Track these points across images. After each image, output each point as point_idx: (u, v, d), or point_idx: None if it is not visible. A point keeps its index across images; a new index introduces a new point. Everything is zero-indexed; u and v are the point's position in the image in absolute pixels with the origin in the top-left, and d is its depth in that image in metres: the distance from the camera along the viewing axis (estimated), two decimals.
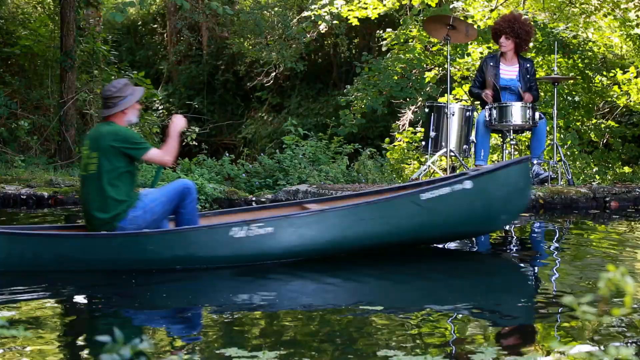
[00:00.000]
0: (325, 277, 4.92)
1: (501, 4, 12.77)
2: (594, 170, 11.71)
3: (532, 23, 9.47)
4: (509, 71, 8.37)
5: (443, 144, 8.24)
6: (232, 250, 5.00)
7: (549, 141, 8.93)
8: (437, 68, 12.48)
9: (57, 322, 3.74)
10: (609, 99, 12.58)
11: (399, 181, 10.09)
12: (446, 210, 5.33)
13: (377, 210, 5.25)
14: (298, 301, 4.35)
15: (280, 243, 5.07)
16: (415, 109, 12.76)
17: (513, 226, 6.78)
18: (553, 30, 11.31)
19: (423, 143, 8.48)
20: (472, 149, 8.39)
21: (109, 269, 4.91)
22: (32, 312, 3.86)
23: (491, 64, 8.36)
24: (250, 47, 18.05)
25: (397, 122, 13.49)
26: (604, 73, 12.37)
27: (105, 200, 5.10)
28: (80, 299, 4.38)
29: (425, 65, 12.38)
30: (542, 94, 11.42)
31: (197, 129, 12.71)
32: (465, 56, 11.98)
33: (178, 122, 5.42)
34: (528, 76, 8.33)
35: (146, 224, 5.14)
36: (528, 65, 8.41)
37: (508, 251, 6.08)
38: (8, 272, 4.85)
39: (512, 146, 8.26)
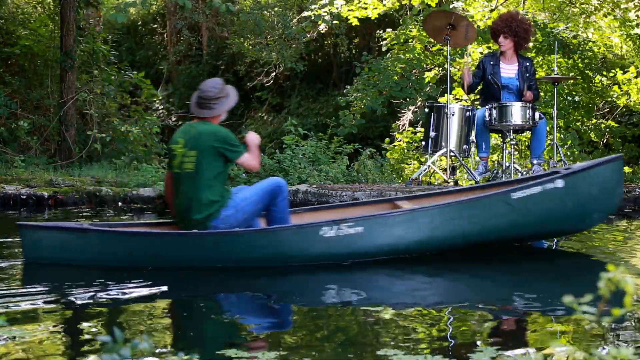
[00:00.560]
0: (325, 277, 4.93)
1: (501, 4, 12.77)
2: None
3: (530, 22, 9.46)
4: (508, 70, 8.37)
5: (443, 144, 8.23)
6: (322, 249, 5.08)
7: (549, 141, 8.92)
8: (437, 68, 12.48)
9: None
10: (609, 99, 12.59)
11: (399, 181, 10.10)
12: (537, 210, 5.35)
13: (468, 210, 5.28)
14: (297, 301, 4.35)
15: (369, 242, 5.13)
16: (415, 109, 12.76)
17: None
18: (553, 30, 11.31)
19: (423, 143, 8.47)
20: (472, 149, 8.38)
21: (200, 266, 5.03)
22: (110, 306, 3.86)
23: (491, 62, 8.36)
24: (250, 47, 18.05)
25: (397, 122, 13.49)
26: (604, 73, 12.37)
27: (200, 200, 5.18)
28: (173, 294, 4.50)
29: (425, 65, 12.38)
30: (542, 94, 11.42)
31: None
32: (465, 56, 11.97)
33: (253, 137, 5.49)
34: (527, 75, 8.32)
35: (238, 222, 5.22)
36: (527, 64, 8.41)
37: (507, 251, 6.07)
38: (102, 268, 5.01)
39: (512, 146, 8.27)
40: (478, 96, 8.85)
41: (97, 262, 5.13)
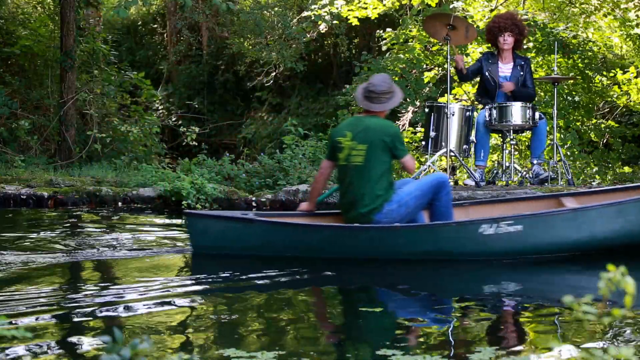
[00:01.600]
0: (323, 276, 4.93)
1: (501, 4, 12.77)
2: (594, 170, 11.71)
3: (531, 23, 9.47)
4: (504, 69, 8.38)
5: (443, 144, 8.23)
6: (480, 247, 5.16)
7: (549, 141, 8.92)
8: (436, 68, 12.48)
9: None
10: (609, 99, 12.58)
11: None
12: None
13: (632, 210, 5.27)
14: (297, 300, 4.35)
15: (528, 241, 5.19)
16: (415, 109, 12.76)
17: None
18: (553, 30, 11.31)
19: (423, 143, 8.47)
20: (472, 149, 8.38)
21: (360, 259, 5.20)
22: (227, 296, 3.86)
23: (489, 60, 8.36)
24: (250, 47, 18.04)
25: (397, 122, 13.49)
26: (604, 73, 12.36)
27: (367, 193, 5.28)
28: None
29: (425, 65, 12.38)
30: (542, 94, 11.42)
31: (197, 129, 12.72)
32: (465, 56, 11.97)
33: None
34: (521, 73, 8.32)
35: (400, 217, 5.30)
36: (523, 62, 8.41)
37: None
38: (262, 258, 5.27)
39: (512, 146, 8.26)
40: (478, 96, 8.84)
41: (260, 252, 5.36)
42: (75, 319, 3.75)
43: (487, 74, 8.28)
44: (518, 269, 5.26)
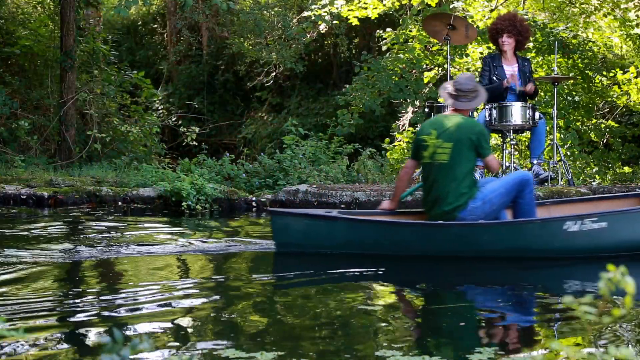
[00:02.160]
0: (324, 276, 4.93)
1: (501, 4, 12.77)
2: (594, 170, 11.71)
3: (531, 23, 9.45)
4: (509, 71, 8.37)
5: None
6: (564, 244, 5.20)
7: (549, 141, 8.92)
8: (436, 68, 12.48)
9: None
10: (609, 99, 12.58)
11: None
12: None
13: None
14: (296, 300, 4.35)
15: (612, 238, 5.22)
16: (415, 109, 12.76)
17: None
18: (553, 30, 11.31)
19: None
20: None
21: (442, 256, 5.27)
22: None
23: (493, 63, 8.35)
24: (250, 47, 18.05)
25: (397, 122, 13.49)
26: (604, 73, 12.36)
27: (451, 191, 5.33)
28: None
29: (425, 65, 12.38)
30: (542, 93, 11.42)
31: (197, 129, 12.71)
32: (465, 57, 11.98)
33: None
34: (527, 74, 8.33)
35: (484, 214, 5.34)
36: (526, 63, 8.42)
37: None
38: (347, 255, 5.34)
39: (512, 146, 8.26)
40: None
41: (343, 250, 5.40)
42: (76, 319, 3.75)
43: (494, 78, 8.28)
44: (534, 266, 5.26)
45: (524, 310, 4.20)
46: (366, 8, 12.60)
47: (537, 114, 8.09)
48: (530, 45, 11.44)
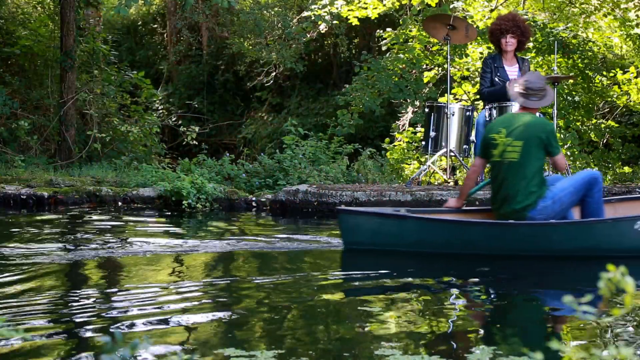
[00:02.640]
0: (324, 277, 4.92)
1: (501, 4, 12.77)
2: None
3: (531, 23, 9.44)
4: (510, 71, 8.36)
5: (443, 144, 8.24)
6: (635, 243, 5.24)
7: None
8: (436, 68, 12.48)
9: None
10: (609, 99, 12.58)
11: (399, 181, 10.10)
12: None
13: None
14: (295, 301, 4.35)
15: None
16: (415, 109, 12.76)
17: None
18: (553, 30, 11.30)
19: (423, 143, 8.47)
20: (472, 149, 8.38)
21: (512, 255, 5.31)
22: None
23: (494, 64, 8.34)
24: (250, 47, 18.05)
25: (397, 122, 13.49)
26: (604, 73, 12.36)
27: (520, 189, 5.36)
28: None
29: (425, 65, 12.38)
30: None
31: (197, 129, 12.71)
32: (465, 57, 11.98)
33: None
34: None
35: (554, 213, 5.38)
36: (525, 64, 8.41)
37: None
38: (418, 254, 5.41)
39: None
40: (478, 96, 8.83)
41: (412, 248, 5.45)
42: (76, 319, 3.75)
43: (496, 79, 8.26)
44: (536, 265, 5.27)
45: (525, 310, 4.20)
46: (366, 8, 12.60)
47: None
48: (530, 45, 11.44)
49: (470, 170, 5.86)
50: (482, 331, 3.68)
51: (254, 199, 8.45)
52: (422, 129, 9.45)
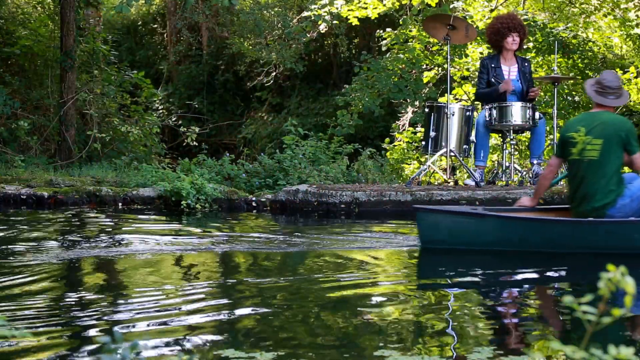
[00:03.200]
0: (323, 278, 4.92)
1: (501, 4, 12.77)
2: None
3: (531, 23, 9.44)
4: (510, 71, 8.36)
5: (443, 144, 8.23)
6: None
7: (548, 141, 8.92)
8: (436, 68, 12.48)
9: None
10: None
11: (399, 181, 10.10)
12: None
13: None
14: (295, 301, 4.35)
15: None
16: (415, 109, 12.76)
17: None
18: (553, 30, 11.31)
19: (423, 143, 8.47)
20: (472, 149, 8.38)
21: (591, 252, 5.31)
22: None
23: (492, 64, 8.33)
24: (250, 47, 18.05)
25: (397, 122, 13.50)
26: None
27: (600, 188, 5.39)
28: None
29: (425, 65, 12.38)
30: (542, 93, 11.42)
31: (197, 129, 12.71)
32: (464, 57, 11.98)
33: None
34: (527, 75, 8.32)
35: (632, 212, 5.41)
36: (526, 64, 8.41)
37: (506, 252, 6.06)
38: (497, 252, 5.44)
39: (512, 146, 8.26)
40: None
41: (491, 246, 5.47)
42: (76, 319, 3.75)
43: (493, 80, 8.25)
44: (540, 264, 5.27)
45: (525, 310, 4.20)
46: (366, 8, 12.60)
47: (537, 114, 8.09)
48: (530, 45, 11.44)
49: (547, 170, 5.90)
50: (481, 331, 3.68)
51: (254, 199, 8.45)
52: (422, 129, 9.45)
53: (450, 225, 5.60)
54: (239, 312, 3.94)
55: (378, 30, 13.68)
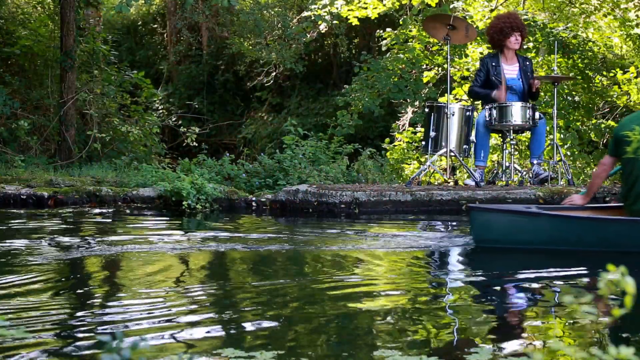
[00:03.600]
0: (323, 279, 4.92)
1: (501, 4, 12.77)
2: (594, 170, 11.71)
3: (531, 23, 9.44)
4: (510, 70, 8.36)
5: (443, 144, 8.23)
6: None
7: (548, 141, 8.92)
8: (436, 68, 12.48)
9: None
10: (609, 99, 12.59)
11: (399, 181, 10.10)
12: None
13: None
14: (295, 301, 4.35)
15: None
16: (415, 109, 12.76)
17: None
18: (553, 30, 11.31)
19: (423, 143, 8.47)
20: (472, 149, 8.38)
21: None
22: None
23: (492, 63, 8.33)
24: (250, 47, 18.05)
25: (397, 122, 13.50)
26: (604, 73, 12.37)
27: None
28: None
29: (424, 65, 12.38)
30: (542, 94, 11.43)
31: (197, 129, 12.71)
32: (464, 57, 11.98)
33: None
34: (528, 73, 8.33)
35: None
36: (527, 62, 8.41)
37: (506, 252, 6.06)
38: (550, 251, 5.45)
39: (512, 146, 8.26)
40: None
41: (544, 245, 5.49)
42: (76, 319, 3.75)
43: (493, 78, 8.26)
44: (543, 263, 5.27)
45: (525, 310, 4.20)
46: (366, 8, 12.60)
47: (537, 114, 8.09)
48: (530, 45, 11.44)
49: (600, 169, 5.91)
50: (481, 331, 3.68)
51: (254, 199, 8.45)
52: (422, 129, 9.45)
53: (504, 224, 5.62)
54: (239, 312, 3.94)
55: (378, 30, 13.68)
